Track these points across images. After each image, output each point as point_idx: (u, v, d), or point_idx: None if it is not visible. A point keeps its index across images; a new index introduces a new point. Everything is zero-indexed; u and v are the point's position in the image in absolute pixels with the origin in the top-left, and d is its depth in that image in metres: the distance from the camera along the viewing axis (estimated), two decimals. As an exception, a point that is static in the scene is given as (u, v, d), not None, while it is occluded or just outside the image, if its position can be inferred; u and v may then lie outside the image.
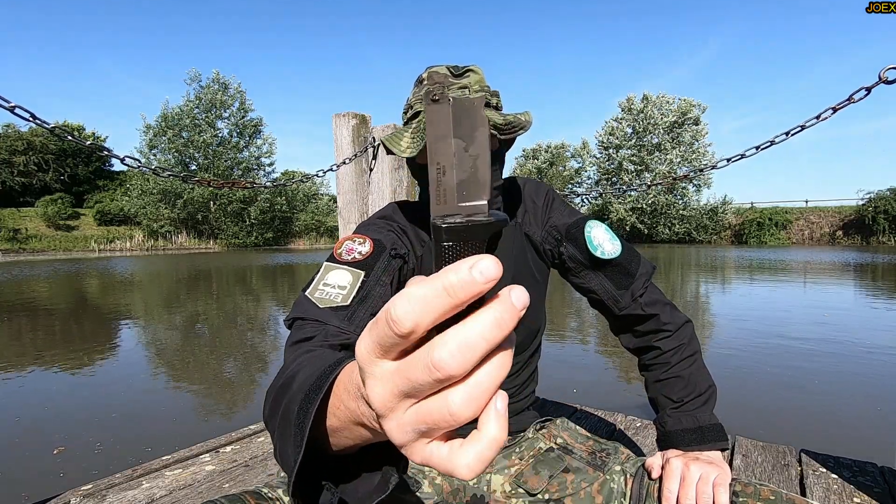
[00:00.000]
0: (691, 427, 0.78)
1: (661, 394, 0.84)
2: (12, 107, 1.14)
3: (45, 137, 33.62)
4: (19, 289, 9.75)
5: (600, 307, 0.89)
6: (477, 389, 0.21)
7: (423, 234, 0.83)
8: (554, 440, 0.84)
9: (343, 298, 0.67)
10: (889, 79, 1.14)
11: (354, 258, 0.72)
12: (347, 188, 2.13)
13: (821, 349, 4.10)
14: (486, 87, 0.78)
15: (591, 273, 0.85)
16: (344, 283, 0.69)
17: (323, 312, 0.65)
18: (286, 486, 0.74)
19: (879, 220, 26.87)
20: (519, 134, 0.74)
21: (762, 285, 9.02)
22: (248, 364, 4.03)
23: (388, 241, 0.77)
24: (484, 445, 0.21)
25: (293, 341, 0.61)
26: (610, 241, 0.84)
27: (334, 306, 0.65)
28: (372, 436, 0.30)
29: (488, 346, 0.20)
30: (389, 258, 0.75)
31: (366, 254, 0.73)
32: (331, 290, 0.67)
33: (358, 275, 0.70)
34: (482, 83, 0.78)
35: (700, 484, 0.66)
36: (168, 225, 32.93)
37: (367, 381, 0.23)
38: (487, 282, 0.20)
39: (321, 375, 0.36)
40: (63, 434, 2.60)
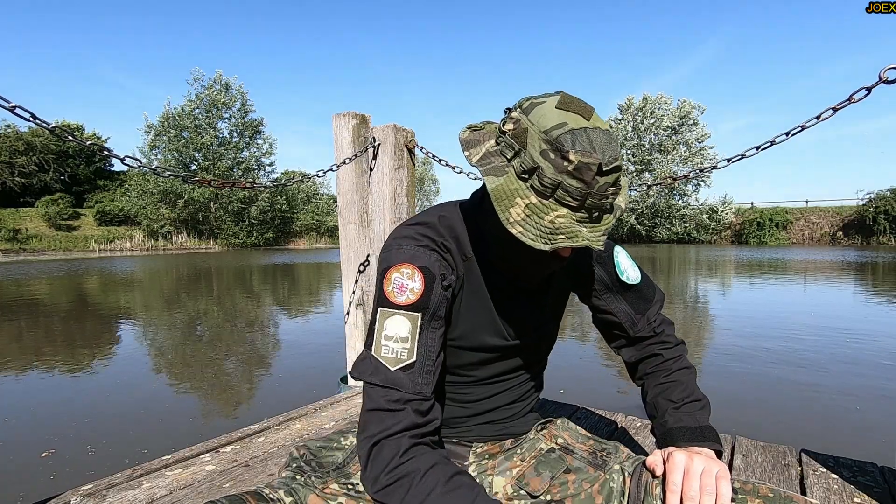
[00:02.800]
0: (692, 426, 0.78)
1: (661, 397, 0.84)
2: (12, 107, 1.14)
3: (45, 138, 33.62)
4: (19, 289, 9.75)
5: (612, 328, 0.91)
6: None
7: (465, 247, 0.77)
8: (555, 440, 0.84)
9: (409, 354, 0.67)
10: (889, 79, 1.14)
11: (409, 299, 0.69)
12: (348, 188, 2.13)
13: (821, 349, 4.10)
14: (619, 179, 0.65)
15: (612, 296, 0.88)
16: (405, 332, 0.68)
17: (396, 376, 0.66)
18: (287, 488, 0.74)
19: (880, 220, 26.87)
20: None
21: (762, 285, 9.02)
22: (248, 364, 4.03)
23: (435, 267, 0.72)
24: None
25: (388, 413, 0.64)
26: (633, 268, 0.88)
27: (404, 366, 0.67)
28: None
29: None
30: (441, 291, 0.72)
31: (419, 291, 0.70)
32: (394, 346, 0.68)
33: (416, 318, 0.69)
34: (619, 178, 0.65)
35: (704, 476, 0.66)
36: (168, 225, 32.95)
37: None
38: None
39: None
40: (54, 436, 2.54)
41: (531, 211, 0.62)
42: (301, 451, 0.83)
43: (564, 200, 0.61)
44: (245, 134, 35.23)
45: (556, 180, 0.61)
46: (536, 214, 0.62)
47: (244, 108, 35.04)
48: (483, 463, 0.82)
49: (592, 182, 0.60)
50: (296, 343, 4.88)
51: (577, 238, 0.60)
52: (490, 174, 0.65)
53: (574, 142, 0.60)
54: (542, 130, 0.62)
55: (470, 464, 0.82)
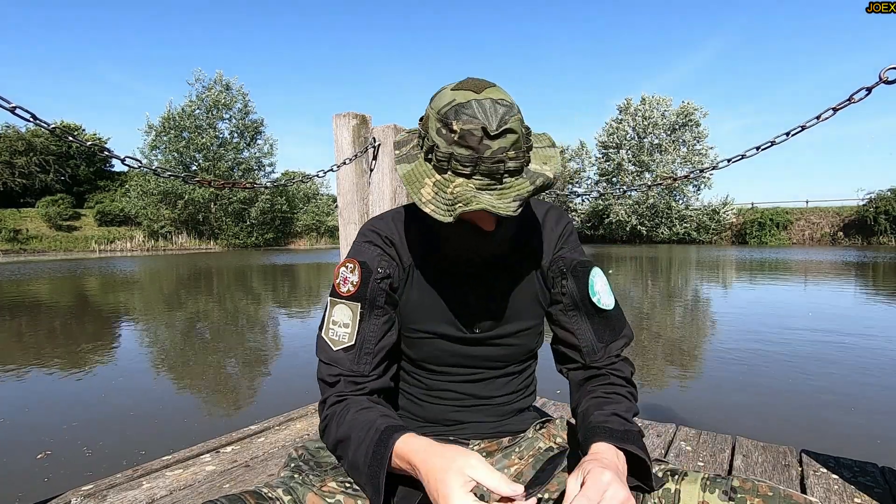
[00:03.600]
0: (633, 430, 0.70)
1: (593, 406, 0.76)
2: (13, 107, 1.14)
3: (45, 138, 33.64)
4: (19, 288, 9.76)
5: (569, 349, 0.84)
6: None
7: (415, 239, 0.83)
8: (554, 440, 0.84)
9: (349, 337, 0.77)
10: (889, 79, 1.14)
11: (349, 290, 0.79)
12: (348, 188, 2.13)
13: (822, 349, 4.10)
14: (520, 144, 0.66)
15: (579, 316, 0.82)
16: (347, 319, 0.78)
17: (337, 355, 0.77)
18: (285, 486, 0.74)
19: (880, 220, 26.86)
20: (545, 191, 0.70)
21: (762, 285, 9.02)
22: (248, 364, 4.03)
23: (373, 262, 0.80)
24: None
25: (326, 385, 0.78)
26: (608, 294, 0.83)
27: (345, 347, 0.77)
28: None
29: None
30: (377, 284, 0.79)
31: (357, 284, 0.79)
32: (339, 330, 0.78)
33: (356, 307, 0.78)
34: (518, 144, 0.66)
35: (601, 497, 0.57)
36: (169, 225, 32.96)
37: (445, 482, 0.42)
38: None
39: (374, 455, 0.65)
40: (51, 437, 2.51)
41: (438, 188, 0.66)
42: (299, 451, 0.84)
43: (458, 170, 0.65)
44: (245, 134, 35.24)
45: (447, 152, 0.66)
46: (441, 189, 0.66)
47: (245, 108, 35.06)
48: None
49: (480, 147, 0.64)
50: (296, 343, 4.88)
51: (472, 203, 0.63)
52: (402, 162, 0.71)
53: (458, 113, 0.64)
54: (436, 111, 0.67)
55: None
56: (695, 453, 1.52)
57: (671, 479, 0.71)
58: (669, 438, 1.63)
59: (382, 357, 0.79)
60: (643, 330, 5.09)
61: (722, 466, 1.43)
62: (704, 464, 1.45)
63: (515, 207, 0.64)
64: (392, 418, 0.71)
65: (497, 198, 0.64)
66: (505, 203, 0.64)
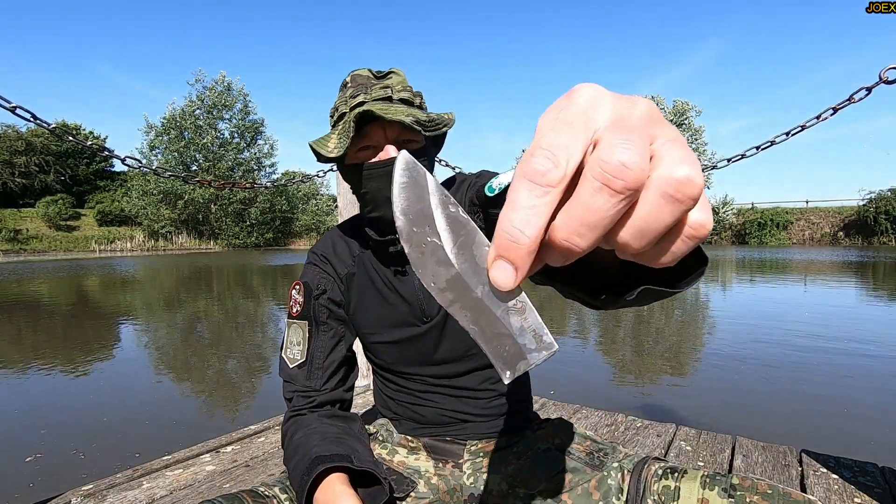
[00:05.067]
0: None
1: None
2: (13, 107, 1.14)
3: (45, 138, 33.64)
4: (20, 287, 9.76)
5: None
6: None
7: (355, 244, 0.88)
8: (552, 440, 0.84)
9: (301, 354, 0.83)
10: (889, 79, 1.14)
11: (297, 310, 0.85)
12: (348, 188, 2.13)
13: (822, 349, 4.10)
14: (409, 88, 0.80)
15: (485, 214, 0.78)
16: (298, 338, 0.84)
17: (293, 372, 0.83)
18: (282, 485, 0.74)
19: (880, 220, 26.85)
20: (443, 130, 0.78)
21: (762, 285, 9.02)
22: (248, 364, 4.03)
23: (313, 280, 0.86)
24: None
25: (286, 401, 0.84)
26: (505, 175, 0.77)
27: (298, 364, 0.83)
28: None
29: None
30: (316, 300, 0.85)
31: (302, 303, 0.85)
32: (293, 349, 0.84)
33: (304, 325, 0.84)
34: (404, 84, 0.80)
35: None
36: (169, 225, 32.97)
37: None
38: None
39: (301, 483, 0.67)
40: (43, 439, 2.45)
41: (338, 137, 0.75)
42: None
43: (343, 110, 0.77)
44: (246, 135, 35.25)
45: (341, 102, 0.79)
46: (343, 129, 0.74)
47: (245, 109, 35.06)
48: (478, 461, 0.82)
49: (368, 84, 0.77)
50: (296, 343, 4.86)
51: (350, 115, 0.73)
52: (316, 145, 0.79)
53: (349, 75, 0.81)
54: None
55: (465, 461, 0.82)
56: (695, 453, 1.52)
57: (671, 477, 0.71)
58: (669, 438, 1.63)
59: (333, 371, 0.84)
60: (643, 330, 5.09)
61: (722, 466, 1.43)
62: (704, 463, 1.45)
63: (394, 115, 0.70)
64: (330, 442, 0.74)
65: (382, 111, 0.70)
66: (391, 113, 0.70)
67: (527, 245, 0.21)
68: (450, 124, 0.80)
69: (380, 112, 0.70)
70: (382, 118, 0.70)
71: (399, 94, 0.77)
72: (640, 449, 1.56)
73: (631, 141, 0.19)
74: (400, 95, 0.77)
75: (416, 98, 0.80)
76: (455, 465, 0.82)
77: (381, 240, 0.81)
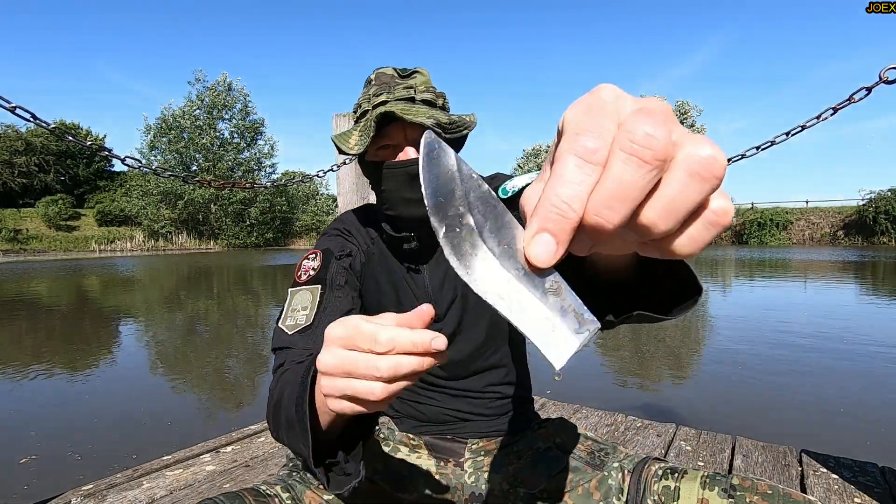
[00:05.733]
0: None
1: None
2: (13, 107, 1.14)
3: (45, 138, 33.64)
4: (19, 287, 9.76)
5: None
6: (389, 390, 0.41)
7: (372, 231, 0.87)
8: (552, 439, 0.84)
9: (307, 318, 0.76)
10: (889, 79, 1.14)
11: (310, 275, 0.80)
12: (347, 188, 2.13)
13: (821, 349, 4.10)
14: (433, 89, 0.80)
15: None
16: (306, 302, 0.78)
17: (292, 338, 0.74)
18: (284, 484, 0.74)
19: (880, 220, 26.85)
20: (463, 133, 0.79)
21: (762, 284, 9.02)
22: (248, 364, 4.03)
23: (335, 246, 0.83)
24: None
25: (273, 369, 0.73)
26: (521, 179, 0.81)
27: (300, 328, 0.75)
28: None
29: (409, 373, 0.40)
30: (336, 261, 0.81)
31: (318, 267, 0.80)
32: (297, 314, 0.77)
33: (316, 290, 0.79)
34: (428, 84, 0.80)
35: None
36: (169, 225, 32.97)
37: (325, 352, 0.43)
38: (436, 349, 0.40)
39: (301, 381, 0.54)
40: (39, 440, 2.41)
41: (359, 134, 0.76)
42: None
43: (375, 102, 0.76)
44: (246, 135, 35.25)
45: (364, 100, 0.79)
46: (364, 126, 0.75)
47: (245, 109, 35.06)
48: (479, 459, 0.82)
49: (392, 82, 0.77)
50: (296, 343, 4.86)
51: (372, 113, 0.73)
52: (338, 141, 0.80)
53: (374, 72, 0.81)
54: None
55: (466, 460, 0.82)
56: (695, 453, 1.52)
57: (671, 477, 0.71)
58: (669, 438, 1.63)
59: None
60: (644, 330, 5.09)
61: (722, 466, 1.43)
62: (704, 463, 1.45)
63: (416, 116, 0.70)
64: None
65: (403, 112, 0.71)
66: (411, 115, 0.71)
67: (573, 219, 0.21)
68: (471, 126, 0.80)
69: (401, 113, 0.70)
70: (403, 119, 0.71)
71: (422, 94, 0.77)
72: (640, 449, 1.56)
73: (655, 118, 0.20)
74: (423, 96, 0.77)
75: (439, 99, 0.80)
76: (456, 464, 0.82)
77: (396, 235, 0.81)
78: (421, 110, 0.73)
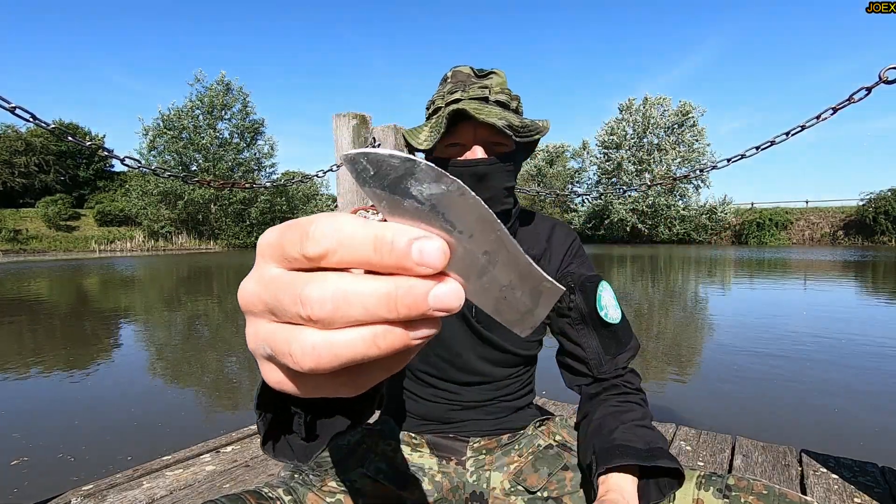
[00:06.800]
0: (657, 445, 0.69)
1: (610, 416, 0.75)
2: (13, 107, 1.14)
3: (45, 138, 33.65)
4: (19, 286, 9.76)
5: (577, 362, 0.85)
6: (327, 348, 0.19)
7: None
8: (553, 437, 0.84)
9: None
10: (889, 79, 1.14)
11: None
12: (347, 188, 2.13)
13: (821, 349, 4.10)
14: (508, 91, 0.80)
15: (586, 329, 0.83)
16: None
17: None
18: (286, 486, 0.74)
19: (880, 220, 26.89)
20: (535, 137, 0.78)
21: (762, 284, 9.02)
22: (249, 363, 4.02)
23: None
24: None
25: None
26: (615, 308, 0.83)
27: None
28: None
29: (365, 316, 0.18)
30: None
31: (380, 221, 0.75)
32: None
33: None
34: (504, 86, 0.79)
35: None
36: (169, 225, 32.97)
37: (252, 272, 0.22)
38: (421, 265, 0.18)
39: None
40: (31, 442, 2.37)
41: (429, 130, 0.77)
42: None
43: (439, 104, 0.78)
44: (245, 135, 35.26)
45: (439, 97, 0.80)
46: (432, 131, 0.76)
47: (245, 109, 35.06)
48: (481, 458, 0.82)
49: (467, 81, 0.78)
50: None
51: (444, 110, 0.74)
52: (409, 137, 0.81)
53: (451, 70, 0.82)
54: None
55: (468, 458, 0.82)
56: (695, 453, 1.52)
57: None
58: (669, 438, 1.63)
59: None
60: (643, 330, 5.09)
61: (722, 466, 1.43)
62: (704, 463, 1.45)
63: (489, 115, 0.70)
64: None
65: (476, 111, 0.71)
66: (483, 114, 0.71)
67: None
68: (543, 132, 0.79)
69: (473, 112, 0.70)
70: (474, 118, 0.71)
71: (496, 95, 0.77)
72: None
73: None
74: (497, 97, 0.77)
75: (514, 101, 0.80)
76: (458, 463, 0.82)
77: None
78: (493, 111, 0.73)
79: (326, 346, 0.19)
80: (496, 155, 0.77)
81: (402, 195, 0.19)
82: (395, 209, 0.20)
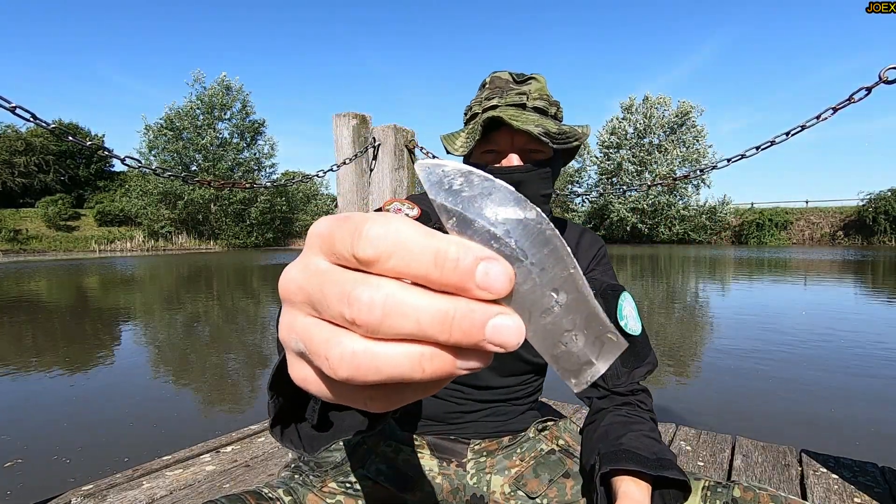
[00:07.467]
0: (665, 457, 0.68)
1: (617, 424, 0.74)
2: (13, 107, 1.14)
3: (45, 138, 33.65)
4: (18, 286, 9.75)
5: None
6: (369, 359, 0.17)
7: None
8: (555, 441, 0.84)
9: None
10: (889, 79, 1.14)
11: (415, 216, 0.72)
12: (348, 188, 2.13)
13: (821, 348, 4.10)
14: (547, 96, 0.78)
15: None
16: None
17: None
18: (286, 486, 0.74)
19: (880, 220, 26.91)
20: (573, 144, 0.76)
21: (762, 284, 9.02)
22: (249, 363, 4.03)
23: (434, 215, 0.76)
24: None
25: None
26: (635, 320, 0.82)
27: None
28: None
29: (415, 331, 0.16)
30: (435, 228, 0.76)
31: (414, 217, 0.70)
32: None
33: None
34: (543, 91, 0.78)
35: None
36: (169, 225, 32.98)
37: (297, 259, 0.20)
38: (484, 288, 0.17)
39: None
40: (27, 443, 2.34)
41: (466, 136, 0.77)
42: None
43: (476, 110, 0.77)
44: (245, 135, 35.27)
45: (476, 102, 0.80)
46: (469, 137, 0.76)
47: (245, 109, 35.08)
48: (481, 461, 0.82)
49: (505, 87, 0.77)
50: (296, 343, 4.84)
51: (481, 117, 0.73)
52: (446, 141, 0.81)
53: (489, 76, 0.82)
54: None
55: (468, 460, 0.82)
56: (695, 453, 1.52)
57: None
58: (669, 438, 1.63)
59: None
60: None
61: (722, 466, 1.43)
62: (704, 464, 1.45)
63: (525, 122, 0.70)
64: None
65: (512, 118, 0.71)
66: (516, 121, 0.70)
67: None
68: (582, 138, 0.78)
69: (509, 119, 0.69)
70: (511, 125, 0.70)
71: (534, 101, 0.76)
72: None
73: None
74: (535, 104, 0.75)
75: (552, 108, 0.78)
76: (459, 465, 0.82)
77: None
78: (530, 118, 0.72)
79: (368, 357, 0.17)
80: (533, 161, 0.77)
81: (475, 214, 0.18)
82: (464, 227, 0.19)
